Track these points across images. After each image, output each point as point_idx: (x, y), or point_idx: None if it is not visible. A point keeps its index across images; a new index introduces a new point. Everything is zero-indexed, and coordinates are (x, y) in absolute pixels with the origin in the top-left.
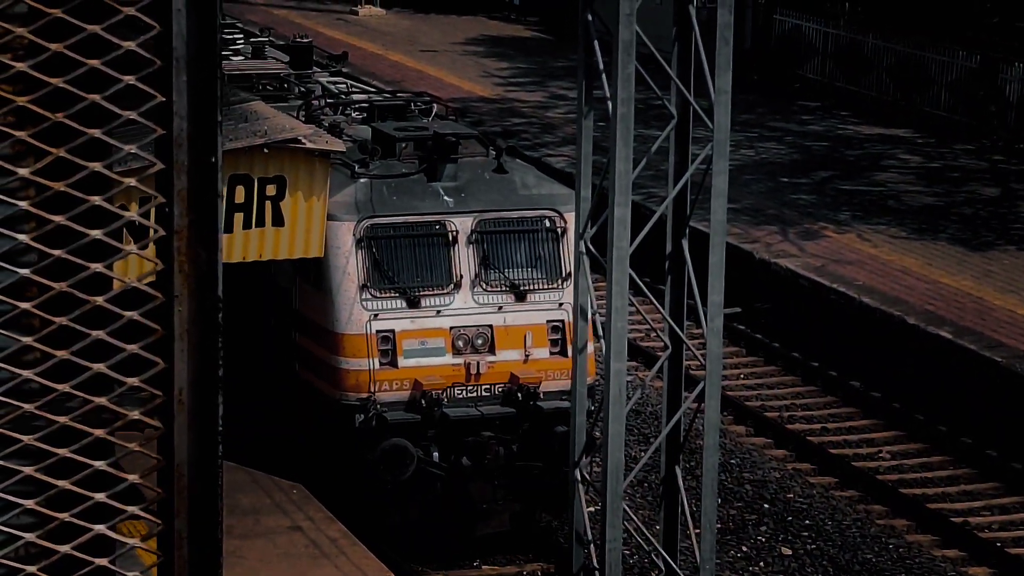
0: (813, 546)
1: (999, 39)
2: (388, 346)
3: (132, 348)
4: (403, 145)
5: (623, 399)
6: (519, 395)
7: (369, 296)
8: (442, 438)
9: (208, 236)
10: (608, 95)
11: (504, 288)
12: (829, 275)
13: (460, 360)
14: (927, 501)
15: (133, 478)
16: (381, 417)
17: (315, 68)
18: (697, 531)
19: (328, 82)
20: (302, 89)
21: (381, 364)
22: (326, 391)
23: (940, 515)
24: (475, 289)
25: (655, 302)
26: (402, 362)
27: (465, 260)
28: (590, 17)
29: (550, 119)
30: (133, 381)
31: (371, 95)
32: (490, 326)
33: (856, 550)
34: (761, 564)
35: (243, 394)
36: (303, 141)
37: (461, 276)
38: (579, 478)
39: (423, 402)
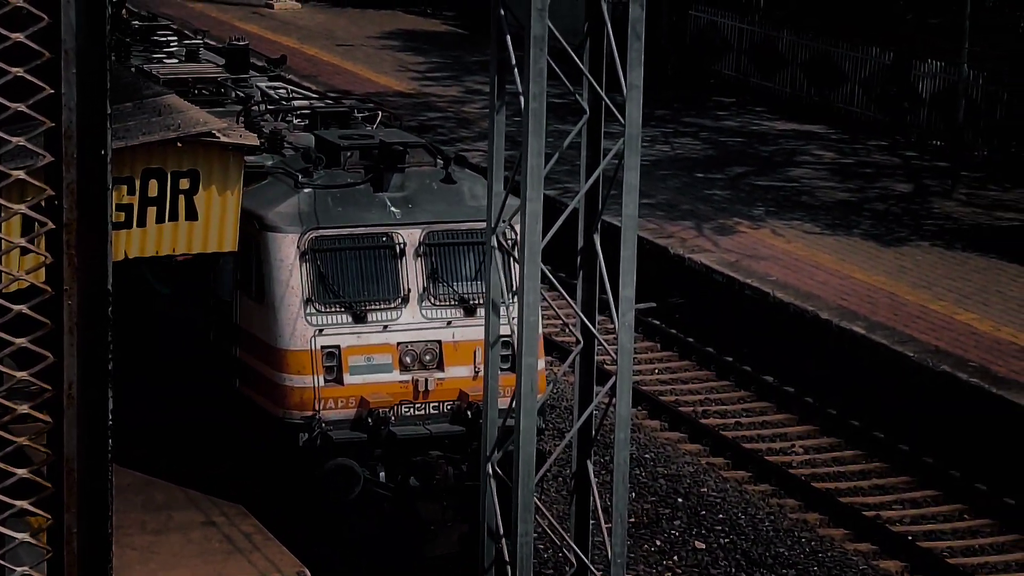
0: (726, 540)
1: (912, 36)
2: (333, 362)
3: (21, 342)
4: (348, 154)
5: (535, 393)
6: (469, 413)
7: (314, 311)
8: (389, 458)
9: (98, 229)
10: (520, 90)
11: (453, 302)
12: (743, 270)
13: (408, 377)
14: (839, 495)
15: (22, 472)
16: (326, 436)
17: (252, 72)
18: (609, 525)
19: (267, 87)
20: (240, 94)
21: (326, 381)
22: (268, 409)
23: (852, 509)
24: (423, 303)
25: (567, 297)
26: (348, 379)
27: (413, 273)
28: (502, 12)
29: (466, 114)
30: (22, 375)
31: (312, 101)
32: (439, 342)
33: (769, 544)
34: (675, 558)
35: (179, 407)
36: (217, 135)
37: (409, 290)
38: (491, 472)
39: (370, 420)
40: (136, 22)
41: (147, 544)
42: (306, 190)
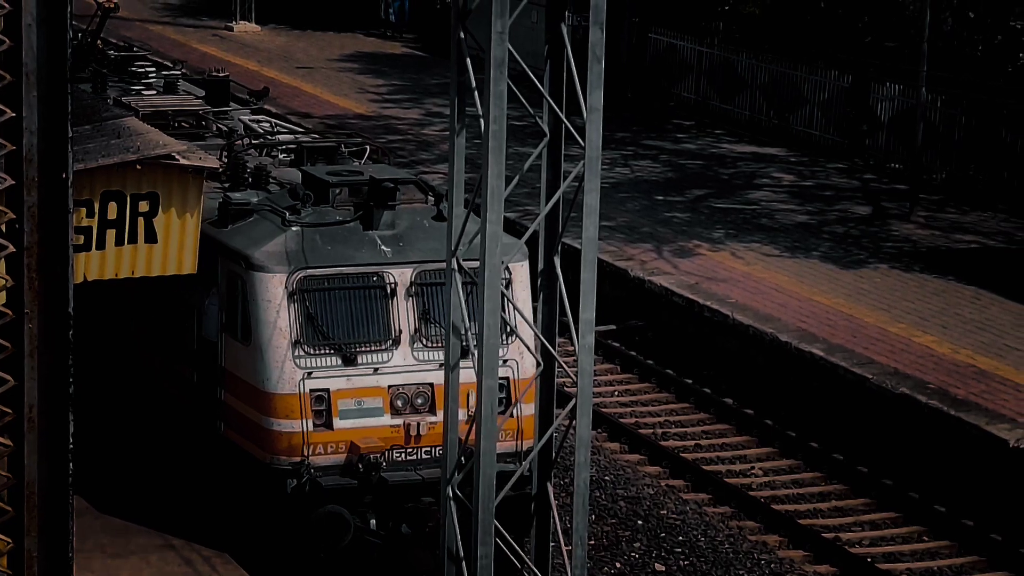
0: (686, 562)
1: (870, 59)
2: (323, 406)
3: None
4: (337, 191)
5: (495, 415)
6: (462, 458)
7: (302, 353)
8: (380, 504)
9: (59, 253)
10: (480, 112)
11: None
12: (703, 293)
13: (399, 421)
14: (799, 517)
15: None
16: (315, 482)
17: (234, 104)
18: (569, 548)
19: (250, 120)
20: (222, 127)
21: (315, 426)
22: (255, 454)
23: (812, 531)
24: (415, 345)
25: (526, 319)
26: (337, 423)
27: (404, 314)
28: (462, 35)
29: (426, 136)
30: None
31: (298, 135)
32: (431, 384)
33: (729, 566)
34: None
35: (162, 450)
36: (176, 157)
37: (400, 331)
38: (451, 495)
39: (360, 466)
40: (112, 52)
41: (106, 568)
42: (294, 228)
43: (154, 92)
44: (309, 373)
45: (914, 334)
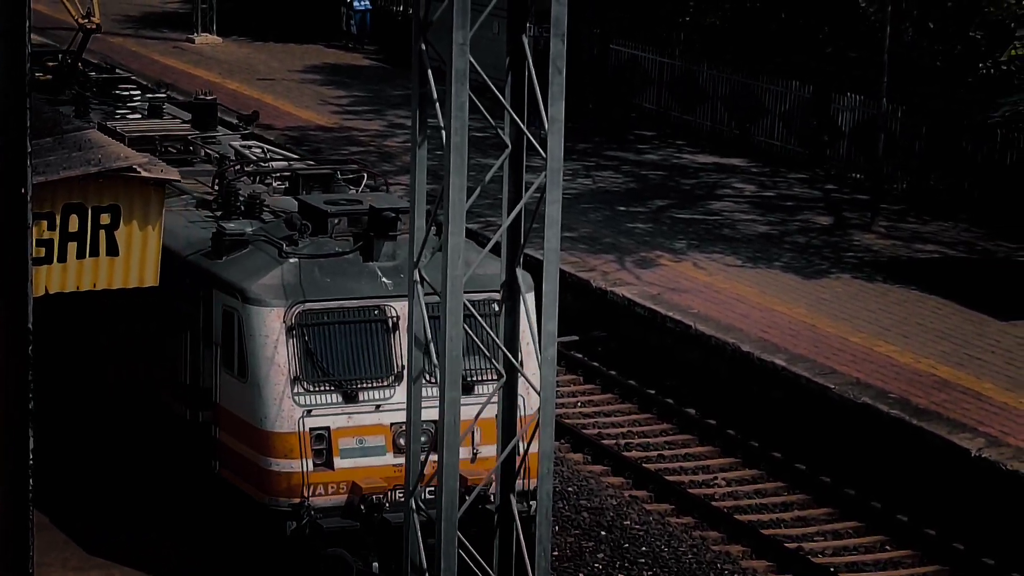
0: (649, 572)
1: (832, 69)
2: (323, 445)
3: None
4: (336, 221)
5: (458, 428)
6: (467, 497)
7: (301, 390)
8: (383, 547)
9: (18, 267)
10: (442, 124)
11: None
12: (665, 303)
13: (402, 460)
14: (762, 527)
15: None
16: (315, 524)
17: (224, 129)
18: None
19: (241, 146)
20: (212, 153)
21: (315, 465)
22: (252, 495)
23: (775, 541)
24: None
25: (490, 331)
26: (338, 463)
27: (406, 349)
28: (424, 46)
29: (388, 148)
30: None
31: (292, 162)
32: (434, 422)
33: None
34: None
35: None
36: (138, 170)
37: (402, 367)
38: (414, 507)
39: (362, 507)
40: (94, 73)
41: None
42: (291, 260)
43: (139, 116)
44: (309, 411)
45: (876, 344)
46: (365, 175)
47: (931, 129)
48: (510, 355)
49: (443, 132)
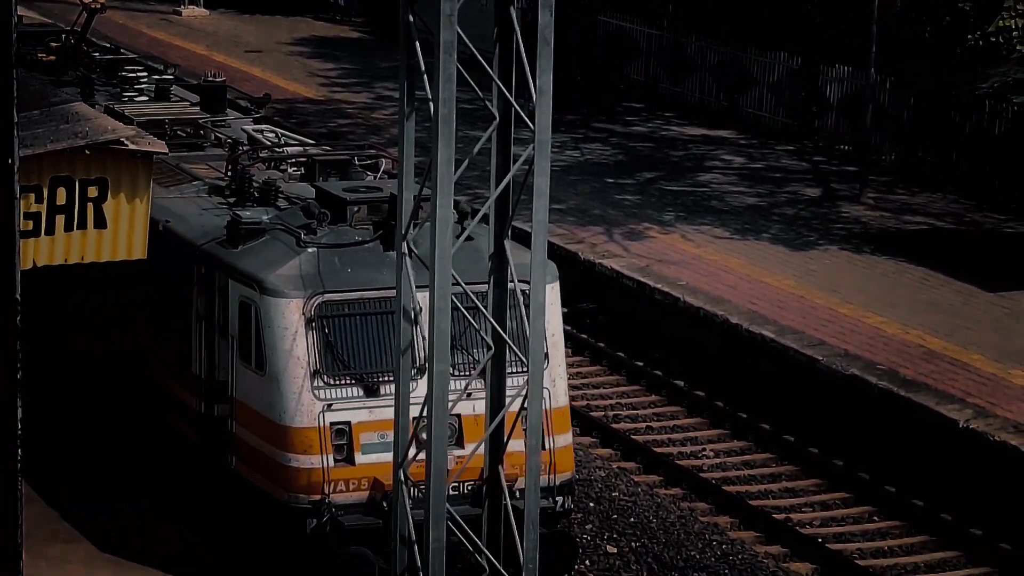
0: (638, 543)
1: (820, 41)
2: (343, 440)
3: None
4: (355, 208)
5: (446, 401)
6: (504, 499)
7: (321, 383)
8: None
9: (6, 240)
10: (430, 96)
11: (473, 372)
12: (653, 275)
13: (423, 456)
14: (750, 498)
15: None
16: (336, 522)
17: (234, 112)
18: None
19: (253, 130)
20: (223, 137)
21: (336, 461)
22: (270, 491)
23: (763, 512)
24: None
25: (477, 303)
26: (360, 458)
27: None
28: (411, 18)
29: (376, 120)
30: None
31: (308, 147)
32: (458, 416)
33: (680, 547)
34: (587, 562)
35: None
36: (125, 142)
37: (425, 359)
38: (403, 478)
39: (384, 504)
40: (98, 53)
41: (59, 553)
42: (310, 249)
43: (145, 98)
44: (329, 405)
45: (864, 315)
46: (382, 160)
47: (919, 100)
48: (498, 327)
49: (431, 104)
